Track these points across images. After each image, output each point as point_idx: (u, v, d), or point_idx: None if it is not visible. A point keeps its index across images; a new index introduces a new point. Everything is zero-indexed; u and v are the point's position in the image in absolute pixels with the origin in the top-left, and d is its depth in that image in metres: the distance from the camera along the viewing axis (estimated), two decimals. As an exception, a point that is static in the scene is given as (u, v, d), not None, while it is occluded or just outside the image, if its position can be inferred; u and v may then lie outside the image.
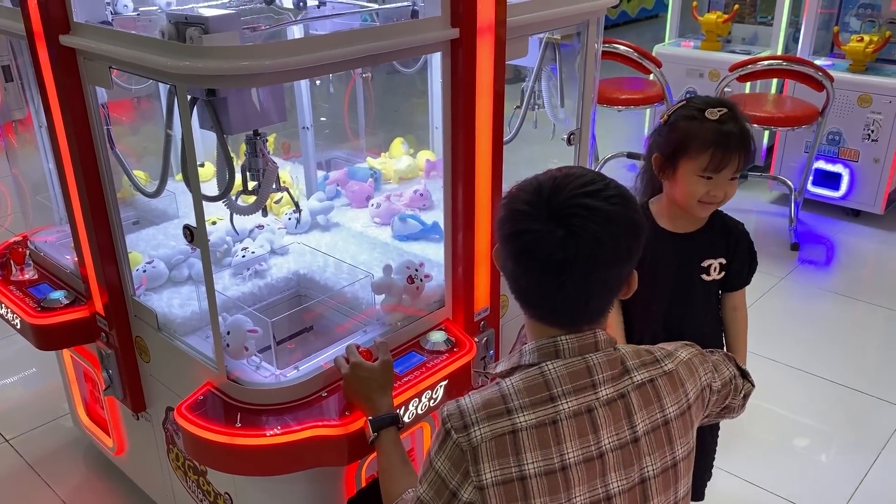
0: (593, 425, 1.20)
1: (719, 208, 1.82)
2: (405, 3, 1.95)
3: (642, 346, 1.32)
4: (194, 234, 1.58)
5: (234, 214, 1.76)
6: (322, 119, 2.92)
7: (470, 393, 1.24)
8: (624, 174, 4.78)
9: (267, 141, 1.66)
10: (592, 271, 1.17)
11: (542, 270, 1.17)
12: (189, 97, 1.55)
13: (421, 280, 1.93)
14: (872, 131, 4.20)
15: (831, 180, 4.43)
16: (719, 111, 1.67)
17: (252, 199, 1.71)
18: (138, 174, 2.19)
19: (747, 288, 1.92)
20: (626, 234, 1.18)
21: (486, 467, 1.16)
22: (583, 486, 1.18)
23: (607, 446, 1.20)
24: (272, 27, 1.74)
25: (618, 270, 1.20)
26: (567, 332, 1.23)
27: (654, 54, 4.65)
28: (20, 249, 2.35)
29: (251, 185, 1.68)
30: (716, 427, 2.05)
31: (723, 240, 1.86)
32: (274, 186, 1.69)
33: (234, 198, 1.71)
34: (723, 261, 1.86)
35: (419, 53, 1.77)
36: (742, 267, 1.87)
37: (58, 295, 2.13)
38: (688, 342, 1.39)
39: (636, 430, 1.22)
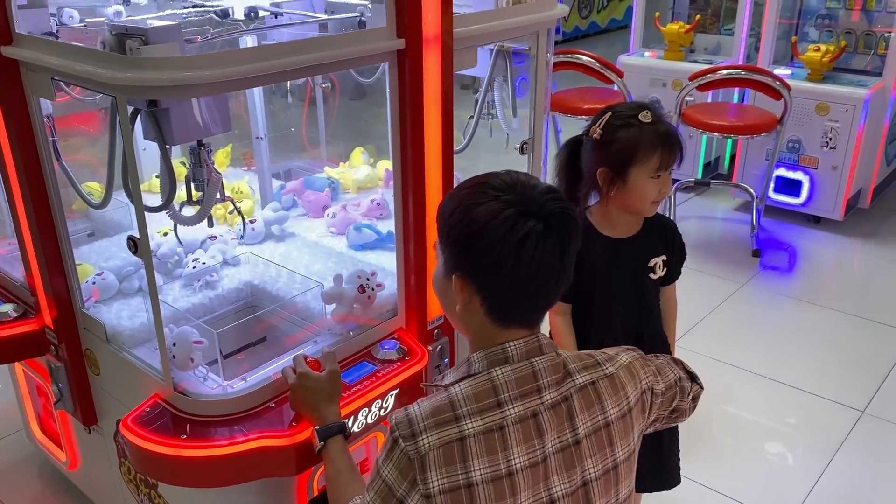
0: (538, 430, 1.21)
1: None
2: (353, 14, 1.96)
3: (584, 351, 1.34)
4: (138, 245, 1.58)
5: (180, 225, 1.75)
6: (292, 129, 2.92)
7: (419, 401, 1.24)
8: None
9: (212, 151, 1.65)
10: (576, 251, 1.23)
11: (547, 260, 1.19)
12: (132, 108, 1.55)
13: (373, 289, 1.93)
14: (830, 139, 4.27)
15: (792, 187, 4.51)
16: (650, 114, 1.73)
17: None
18: (93, 185, 2.18)
19: (711, 293, 1.99)
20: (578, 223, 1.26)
21: (433, 475, 1.16)
22: (527, 492, 1.19)
23: (550, 450, 1.22)
24: (211, 38, 1.74)
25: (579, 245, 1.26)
26: (521, 333, 1.25)
27: (618, 64, 4.71)
28: (-31, 262, 2.32)
29: (195, 195, 1.67)
30: (675, 429, 2.07)
31: (661, 237, 1.92)
32: (218, 197, 1.68)
33: (178, 208, 1.70)
34: (664, 258, 1.92)
35: (365, 64, 1.78)
36: (678, 261, 1.96)
37: (6, 308, 2.11)
38: (630, 346, 1.41)
39: (578, 433, 1.24)
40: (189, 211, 1.73)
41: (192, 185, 1.68)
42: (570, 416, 1.24)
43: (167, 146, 1.58)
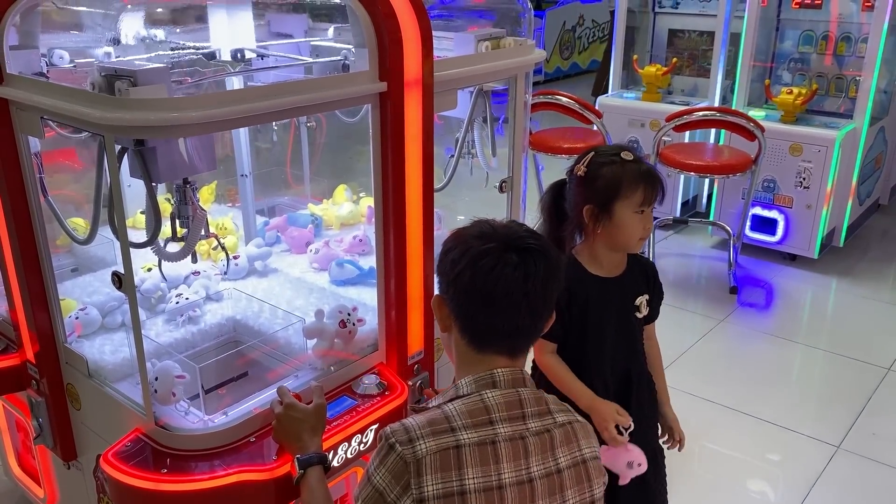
0: (525, 451, 1.27)
1: None
2: (337, 58, 2.02)
3: (555, 398, 1.40)
4: (122, 281, 1.61)
5: (164, 261, 1.78)
6: (279, 168, 2.98)
7: (412, 415, 1.30)
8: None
9: (196, 189, 1.69)
10: (546, 282, 1.30)
11: (507, 285, 1.27)
12: (119, 146, 1.59)
13: (353, 324, 1.96)
14: (804, 179, 4.38)
15: (768, 226, 4.60)
16: (630, 153, 1.81)
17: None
18: (78, 221, 2.21)
19: (689, 329, 2.03)
20: (557, 253, 1.36)
21: (428, 480, 1.21)
22: None
23: (536, 473, 1.27)
24: (199, 80, 1.79)
25: (556, 286, 1.33)
26: (509, 361, 1.33)
27: (598, 105, 4.82)
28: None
29: (180, 231, 1.71)
30: (661, 468, 2.10)
31: (643, 277, 1.97)
32: (203, 233, 1.72)
33: (162, 244, 1.73)
34: (647, 296, 1.97)
35: (348, 106, 1.83)
36: (659, 300, 2.01)
37: (-12, 342, 2.12)
38: None
39: (559, 463, 1.30)
40: (174, 247, 1.76)
41: (177, 222, 1.71)
42: (552, 446, 1.30)
43: (153, 184, 1.62)
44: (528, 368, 1.50)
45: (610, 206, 1.81)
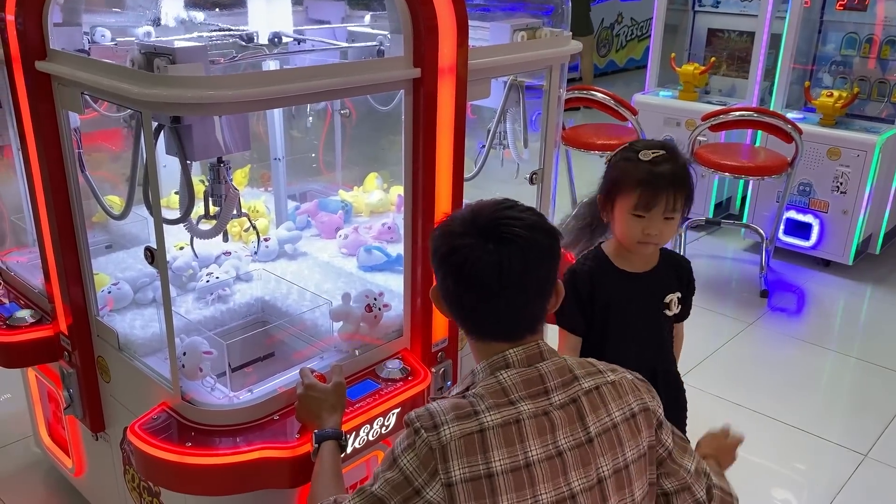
0: (551, 426, 1.27)
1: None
2: (373, 43, 2.03)
3: (585, 359, 1.39)
4: (155, 256, 1.63)
5: (196, 239, 1.81)
6: (312, 155, 3.00)
7: (436, 400, 1.31)
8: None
9: (230, 169, 1.71)
10: (526, 272, 1.27)
11: (481, 279, 1.27)
12: (156, 124, 1.62)
13: (379, 309, 1.98)
14: (841, 183, 4.30)
15: (802, 230, 4.52)
16: (654, 153, 1.73)
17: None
18: (113, 199, 2.25)
19: (718, 331, 1.99)
20: (547, 235, 1.32)
21: (454, 465, 1.22)
22: (547, 484, 1.24)
23: (564, 446, 1.27)
24: (233, 60, 1.81)
25: (545, 270, 1.31)
26: (512, 344, 1.32)
27: (633, 102, 4.78)
28: (-9, 269, 2.39)
29: (213, 210, 1.73)
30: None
31: (675, 274, 1.94)
32: (235, 213, 1.74)
33: (195, 222, 1.76)
34: (679, 295, 1.94)
35: (381, 91, 1.84)
36: (691, 299, 1.98)
37: (24, 314, 2.17)
38: (640, 377, 1.43)
39: (589, 432, 1.29)
40: (206, 225, 1.79)
41: (210, 200, 1.73)
42: (580, 415, 1.29)
43: (188, 161, 1.64)
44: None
45: (612, 200, 1.79)
